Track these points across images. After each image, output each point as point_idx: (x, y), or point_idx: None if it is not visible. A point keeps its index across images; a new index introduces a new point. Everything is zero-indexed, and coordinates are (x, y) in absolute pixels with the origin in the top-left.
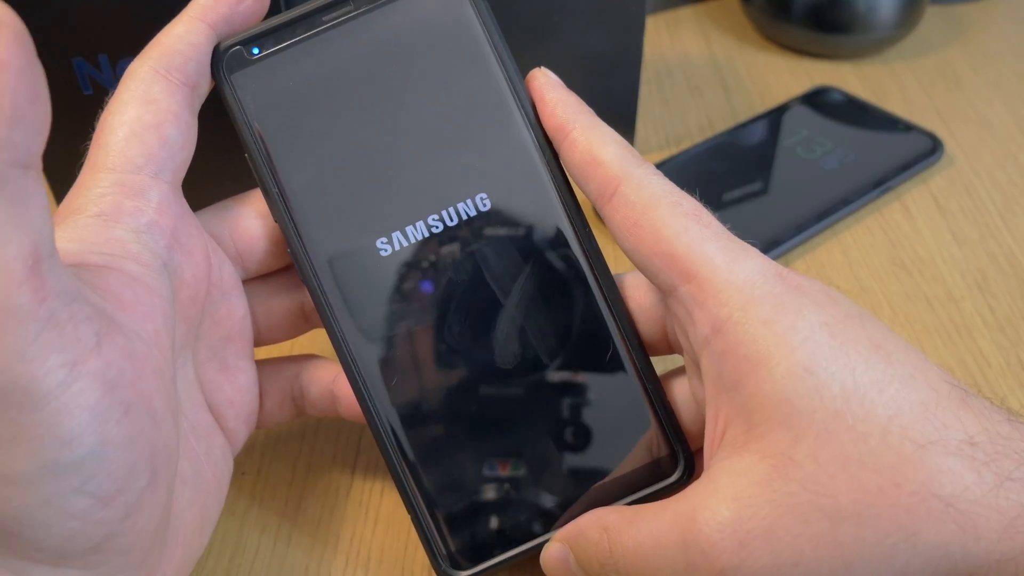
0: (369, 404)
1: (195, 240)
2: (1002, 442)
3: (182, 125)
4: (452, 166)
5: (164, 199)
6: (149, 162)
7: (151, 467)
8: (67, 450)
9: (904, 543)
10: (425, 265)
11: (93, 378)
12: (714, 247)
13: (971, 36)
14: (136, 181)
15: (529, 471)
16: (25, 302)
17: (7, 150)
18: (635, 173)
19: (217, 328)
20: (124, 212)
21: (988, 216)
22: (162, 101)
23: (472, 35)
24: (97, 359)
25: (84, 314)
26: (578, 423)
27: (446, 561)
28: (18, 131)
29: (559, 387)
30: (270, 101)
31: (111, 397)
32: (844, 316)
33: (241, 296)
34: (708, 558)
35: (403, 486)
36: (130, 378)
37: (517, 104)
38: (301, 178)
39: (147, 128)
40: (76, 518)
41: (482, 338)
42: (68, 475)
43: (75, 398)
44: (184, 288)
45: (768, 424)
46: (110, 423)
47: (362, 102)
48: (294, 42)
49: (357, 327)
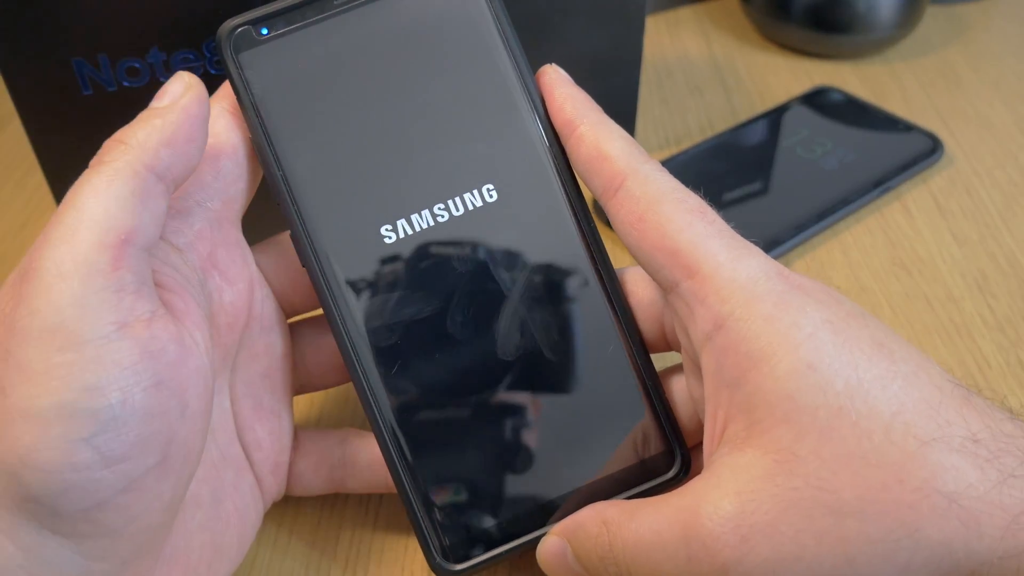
0: (366, 390)
1: (238, 269)
2: (1005, 439)
3: (239, 159)
4: (459, 156)
5: (206, 225)
6: (199, 189)
7: (164, 451)
8: (87, 396)
9: (907, 539)
10: (429, 254)
11: (136, 343)
12: (717, 244)
13: (971, 36)
14: (181, 205)
15: (526, 465)
16: (102, 261)
17: (151, 158)
18: (641, 169)
19: (255, 362)
20: (166, 230)
21: (988, 216)
22: (222, 135)
23: (484, 26)
24: (146, 329)
25: (149, 295)
26: (576, 418)
27: (440, 554)
28: (167, 151)
29: (559, 380)
30: (276, 82)
31: (146, 365)
32: (846, 314)
33: (282, 335)
34: (710, 552)
35: (399, 477)
36: (171, 359)
37: (526, 97)
38: (305, 162)
39: (204, 159)
40: (76, 470)
41: (483, 329)
42: (80, 421)
43: (113, 353)
44: (222, 313)
45: (771, 420)
46: (137, 388)
47: (370, 88)
48: (304, 24)
49: (358, 314)
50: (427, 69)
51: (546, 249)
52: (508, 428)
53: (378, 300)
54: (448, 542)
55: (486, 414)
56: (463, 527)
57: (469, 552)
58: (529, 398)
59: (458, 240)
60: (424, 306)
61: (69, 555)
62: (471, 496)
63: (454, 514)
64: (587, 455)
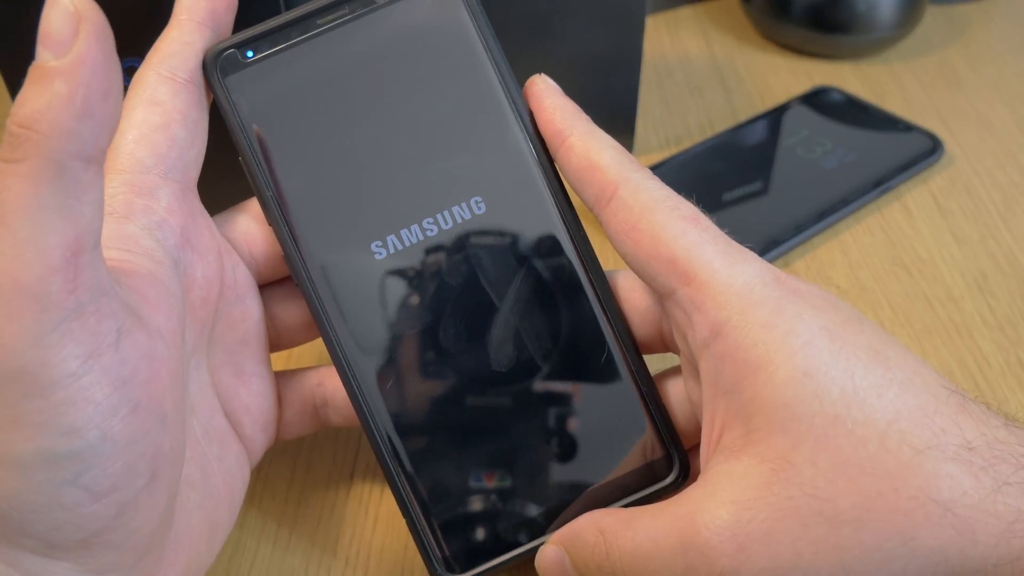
0: (364, 406)
1: (207, 241)
2: (1000, 447)
3: (189, 123)
4: (447, 169)
5: (174, 198)
6: (158, 162)
7: (152, 469)
8: (66, 440)
9: (902, 548)
10: (420, 268)
11: (105, 373)
12: (712, 251)
13: (971, 36)
14: (146, 181)
15: (524, 474)
16: (54, 290)
17: (73, 142)
18: (632, 177)
19: (232, 331)
20: (135, 210)
21: (988, 216)
22: (168, 102)
23: (467, 38)
24: (113, 355)
25: (110, 309)
26: (573, 426)
27: (442, 565)
28: (86, 125)
29: (554, 390)
30: (264, 104)
31: (120, 394)
32: (843, 321)
33: (256, 299)
34: (707, 561)
35: (398, 489)
36: (144, 377)
37: (512, 107)
38: (295, 181)
39: (155, 129)
40: (66, 509)
41: (477, 341)
42: (62, 465)
43: (83, 391)
44: (195, 288)
45: (767, 428)
46: (115, 419)
47: (356, 105)
48: (289, 45)
49: (352, 330)
50: (411, 84)
51: (537, 258)
52: (504, 438)
53: (371, 316)
54: (448, 552)
55: (482, 425)
56: (462, 537)
57: (469, 562)
58: (524, 408)
59: (448, 254)
60: (417, 320)
61: (76, 575)
62: (470, 506)
63: (453, 524)
64: (585, 463)
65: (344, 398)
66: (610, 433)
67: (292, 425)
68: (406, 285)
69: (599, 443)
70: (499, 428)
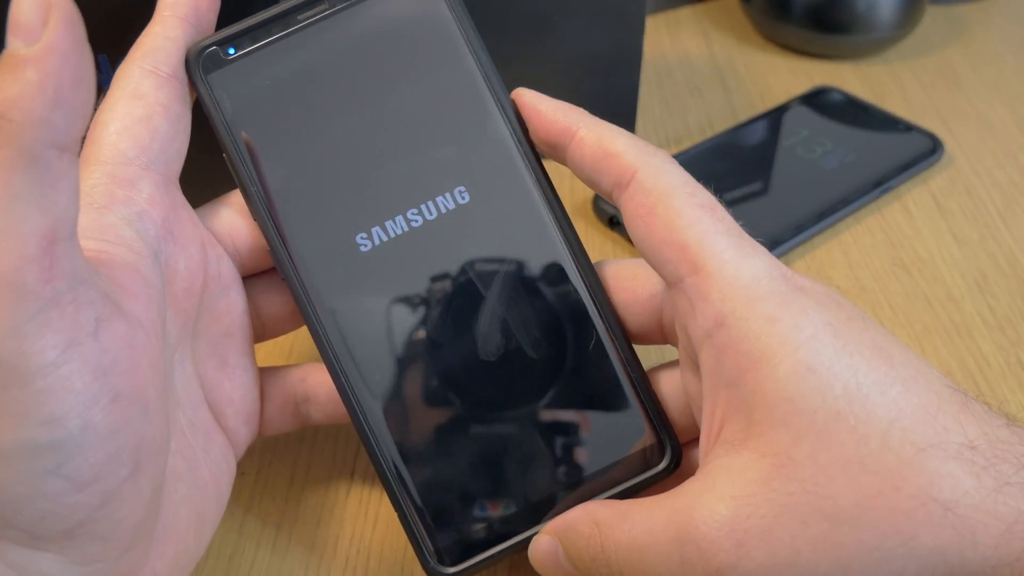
0: (351, 399)
1: (190, 233)
2: (1001, 446)
3: (172, 117)
4: (429, 160)
5: (155, 189)
6: (140, 154)
7: (135, 458)
8: (46, 430)
9: (902, 547)
10: (405, 259)
11: (84, 362)
12: (725, 242)
13: (971, 36)
14: (127, 172)
15: (515, 464)
16: (31, 279)
17: (46, 131)
18: (651, 161)
19: (216, 323)
20: (116, 201)
21: (988, 216)
22: (150, 95)
23: (446, 31)
24: (92, 343)
25: (88, 298)
26: (562, 414)
27: (433, 557)
28: (59, 113)
29: (542, 378)
30: (247, 101)
31: (101, 383)
32: (847, 318)
33: (240, 291)
34: (704, 555)
35: (388, 482)
36: (125, 367)
37: (493, 97)
38: (279, 176)
39: (137, 122)
40: (48, 499)
41: (464, 331)
42: (44, 456)
43: (63, 380)
44: (178, 279)
45: (768, 422)
46: (95, 409)
47: (338, 99)
48: (270, 41)
49: (338, 323)
50: (393, 77)
51: (522, 247)
52: (495, 428)
53: (357, 309)
54: (440, 545)
55: (472, 415)
56: (454, 529)
57: (462, 554)
58: (515, 397)
59: (433, 244)
60: (404, 310)
61: (61, 566)
62: (461, 498)
63: (445, 517)
64: (576, 451)
65: (326, 395)
66: (601, 421)
67: (273, 420)
68: (392, 276)
69: (590, 431)
70: (490, 418)
